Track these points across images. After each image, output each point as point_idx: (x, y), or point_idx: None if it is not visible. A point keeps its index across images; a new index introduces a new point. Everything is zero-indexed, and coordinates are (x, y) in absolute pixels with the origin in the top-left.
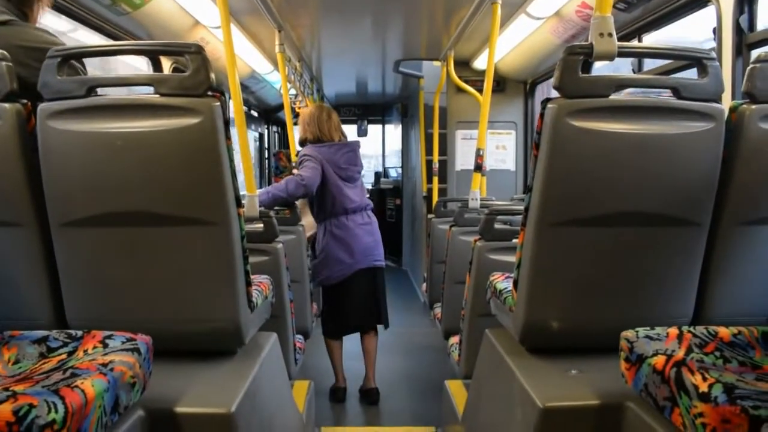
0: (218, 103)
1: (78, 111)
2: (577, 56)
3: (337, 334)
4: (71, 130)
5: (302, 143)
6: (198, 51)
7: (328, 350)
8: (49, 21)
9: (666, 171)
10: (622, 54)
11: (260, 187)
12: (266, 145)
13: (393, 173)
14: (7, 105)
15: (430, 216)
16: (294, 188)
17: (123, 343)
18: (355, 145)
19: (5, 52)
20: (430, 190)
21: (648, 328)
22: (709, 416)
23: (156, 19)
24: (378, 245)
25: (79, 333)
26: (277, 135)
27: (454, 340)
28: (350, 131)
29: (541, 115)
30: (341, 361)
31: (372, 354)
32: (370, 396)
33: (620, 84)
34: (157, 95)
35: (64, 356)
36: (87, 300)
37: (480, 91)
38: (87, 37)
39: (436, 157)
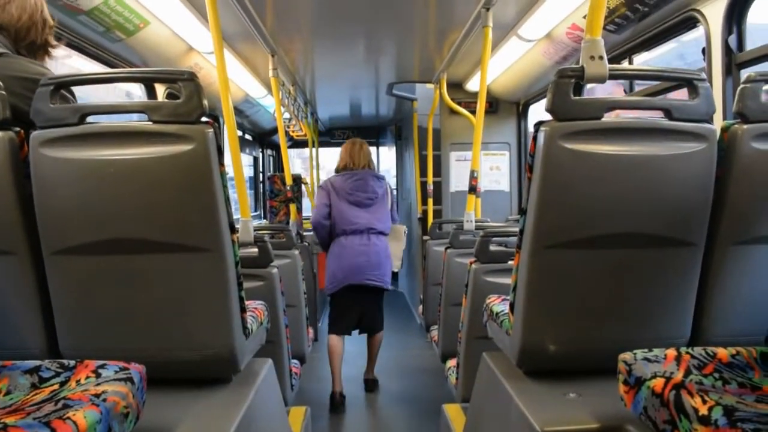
0: (211, 130)
1: (70, 138)
2: (568, 79)
3: (337, 332)
4: (64, 158)
5: (336, 171)
6: (191, 78)
7: (329, 351)
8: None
9: (659, 192)
10: (613, 76)
11: (255, 211)
12: (261, 169)
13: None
14: (0, 133)
15: (425, 238)
16: (317, 227)
17: (116, 372)
18: (366, 174)
19: None
20: (425, 212)
21: (646, 350)
22: None
23: (150, 46)
24: (373, 266)
25: (72, 363)
26: (271, 158)
27: (452, 363)
28: None
29: (534, 138)
30: (339, 366)
31: (373, 350)
32: (368, 385)
33: (612, 106)
34: (150, 122)
35: (56, 387)
36: (80, 329)
37: (473, 112)
38: (82, 65)
39: (430, 179)
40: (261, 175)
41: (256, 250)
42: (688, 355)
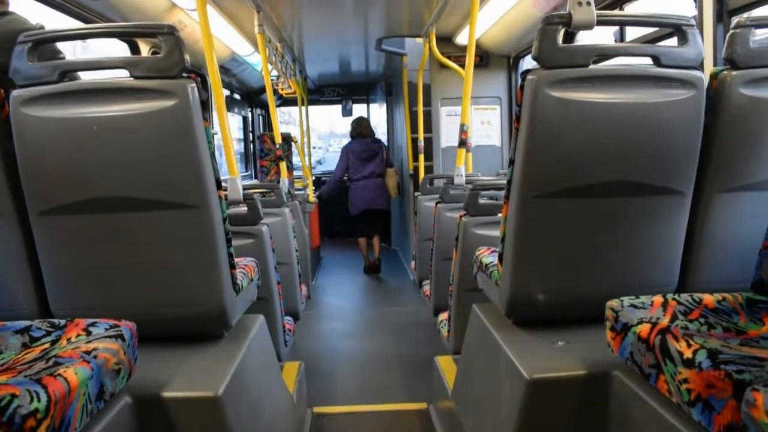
0: (193, 85)
1: (51, 96)
2: (555, 26)
3: (361, 235)
4: (45, 117)
5: (351, 136)
6: (171, 32)
7: (359, 245)
8: (25, 8)
9: (647, 139)
10: (601, 22)
11: (245, 171)
12: (251, 128)
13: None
14: None
15: (416, 194)
16: (334, 178)
17: (106, 330)
18: (368, 141)
19: None
20: (416, 168)
21: (633, 297)
22: (694, 382)
23: (131, 3)
24: (376, 198)
25: (62, 322)
26: (261, 118)
27: (444, 316)
28: (334, 111)
29: (521, 87)
30: (366, 250)
31: (376, 246)
32: (376, 266)
33: (599, 53)
34: (132, 78)
35: (47, 345)
36: (70, 288)
37: (463, 66)
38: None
39: (421, 135)
40: (251, 134)
41: (245, 207)
42: (675, 301)
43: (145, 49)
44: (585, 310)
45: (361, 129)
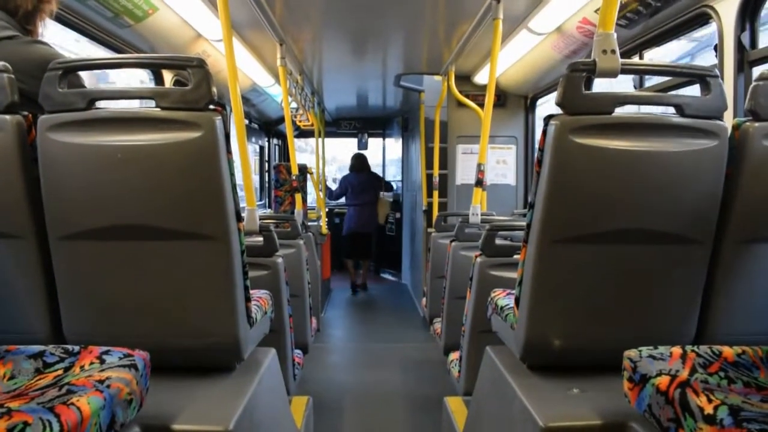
0: (220, 117)
1: (79, 123)
2: (580, 73)
3: (348, 256)
4: (71, 143)
5: (350, 169)
6: (200, 65)
7: (346, 266)
8: (54, 36)
9: (669, 188)
10: (626, 71)
11: (260, 200)
12: (267, 158)
13: (393, 186)
14: (8, 117)
15: (430, 230)
16: (334, 194)
17: (120, 359)
18: (366, 175)
19: (7, 64)
20: (430, 204)
21: (651, 347)
22: None
23: (158, 32)
24: (365, 223)
25: (76, 348)
26: (277, 148)
27: (454, 356)
28: (351, 144)
29: (544, 132)
30: (353, 269)
31: (364, 268)
32: (362, 286)
33: (623, 101)
34: (159, 109)
35: (60, 372)
36: (85, 314)
37: (481, 105)
38: (91, 51)
39: (436, 171)
40: (267, 164)
41: (261, 239)
42: (694, 353)
43: (167, 76)
44: (601, 357)
45: (359, 164)
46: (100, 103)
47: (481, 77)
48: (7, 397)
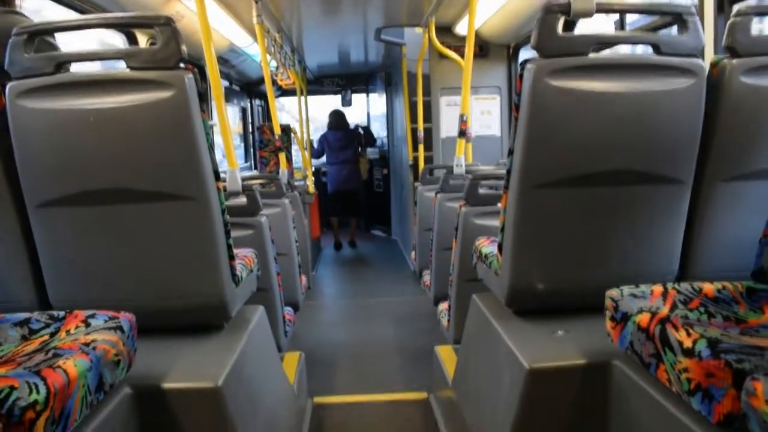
0: (191, 75)
1: (48, 88)
2: (554, 14)
3: (333, 214)
4: (42, 108)
5: (328, 127)
6: (167, 23)
7: (331, 224)
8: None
9: (648, 128)
10: (601, 10)
11: (245, 162)
12: (250, 119)
13: (379, 142)
14: None
15: (416, 184)
16: (314, 154)
17: (105, 321)
18: (342, 131)
19: None
20: (416, 159)
21: (632, 286)
22: (694, 371)
23: None
24: (348, 180)
25: (62, 314)
26: (260, 109)
27: (444, 306)
28: (334, 102)
29: (521, 77)
30: (337, 228)
31: (353, 226)
32: (351, 244)
33: (599, 41)
34: (128, 69)
35: (46, 337)
36: (68, 280)
37: (463, 56)
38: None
39: (421, 125)
40: (250, 125)
41: (245, 199)
42: (675, 290)
43: (143, 40)
44: (585, 299)
45: (335, 121)
46: (74, 68)
47: (461, 28)
48: None
